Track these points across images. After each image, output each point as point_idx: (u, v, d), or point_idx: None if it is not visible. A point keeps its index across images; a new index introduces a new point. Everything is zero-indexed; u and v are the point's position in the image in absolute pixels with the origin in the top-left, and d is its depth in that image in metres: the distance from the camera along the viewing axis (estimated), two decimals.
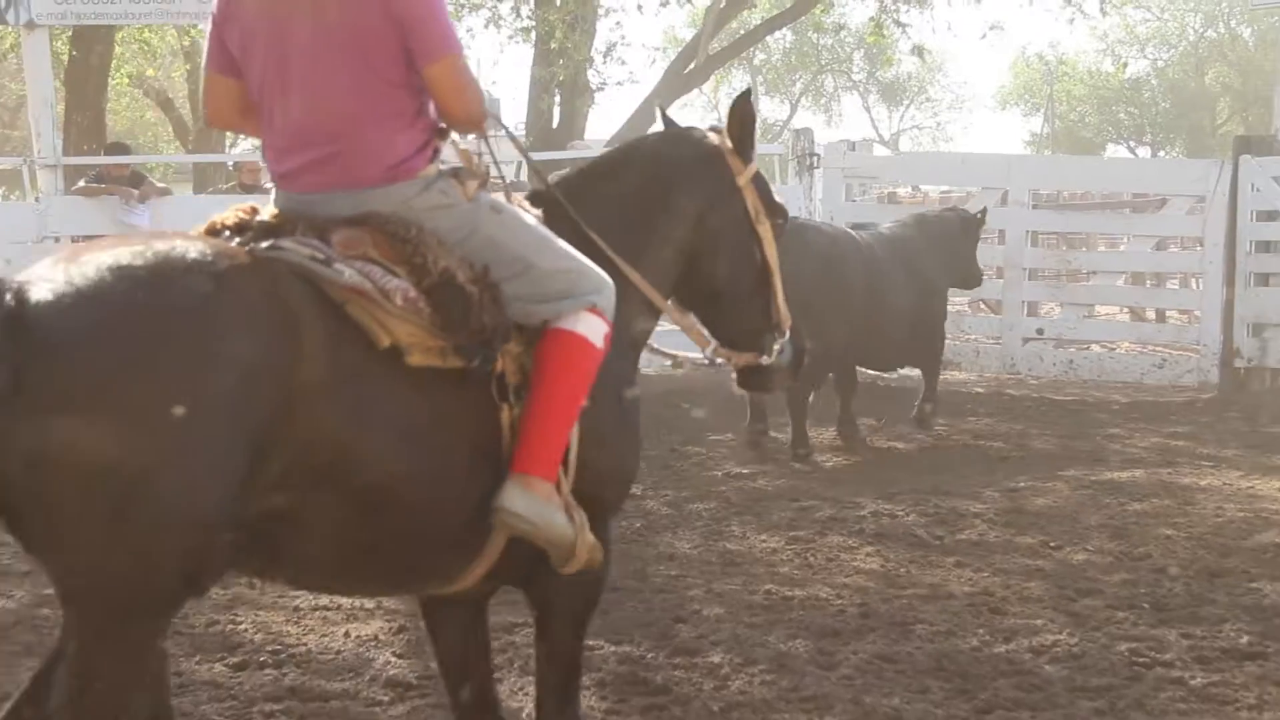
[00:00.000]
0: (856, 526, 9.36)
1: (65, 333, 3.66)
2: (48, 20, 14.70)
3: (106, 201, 14.48)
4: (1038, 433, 13.17)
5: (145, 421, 3.68)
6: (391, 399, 4.19)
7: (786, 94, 67.82)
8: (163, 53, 30.39)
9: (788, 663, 6.55)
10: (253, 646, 6.79)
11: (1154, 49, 66.52)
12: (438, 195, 4.55)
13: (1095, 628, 7.11)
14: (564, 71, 19.94)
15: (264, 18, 4.45)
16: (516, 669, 6.46)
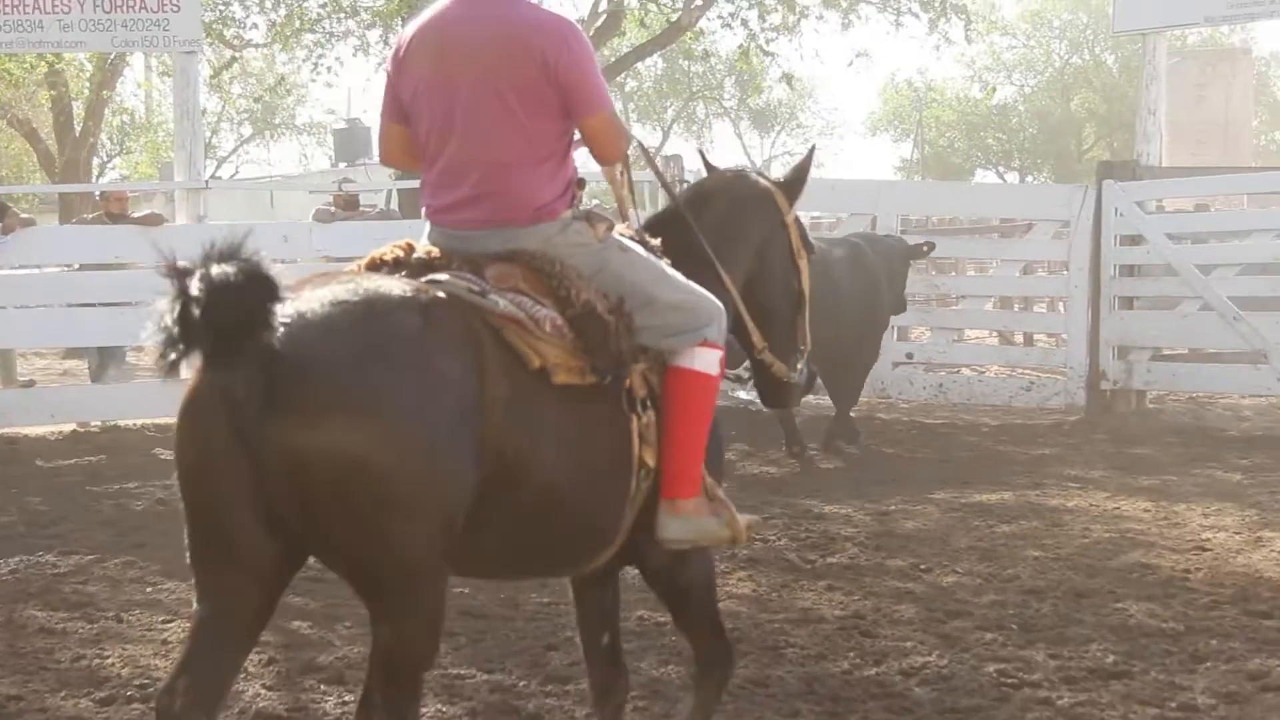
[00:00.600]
0: (728, 551, 9.33)
1: (312, 357, 4.27)
2: None
3: None
4: (908, 456, 13.28)
5: (392, 426, 4.32)
6: (547, 412, 4.82)
7: (658, 121, 67.96)
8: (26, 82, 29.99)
9: (660, 689, 6.57)
10: (120, 681, 6.72)
11: (1020, 75, 67.20)
12: (575, 235, 5.21)
13: (964, 649, 7.17)
14: None
15: (434, 74, 5.17)
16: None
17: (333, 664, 6.95)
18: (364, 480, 4.26)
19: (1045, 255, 18.29)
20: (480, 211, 5.18)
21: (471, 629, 7.62)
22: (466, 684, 6.62)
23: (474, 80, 5.10)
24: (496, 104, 5.11)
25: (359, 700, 5.03)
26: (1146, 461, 12.82)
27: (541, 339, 4.85)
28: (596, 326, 4.99)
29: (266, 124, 54.12)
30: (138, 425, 14.70)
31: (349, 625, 7.69)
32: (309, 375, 4.26)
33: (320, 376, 4.28)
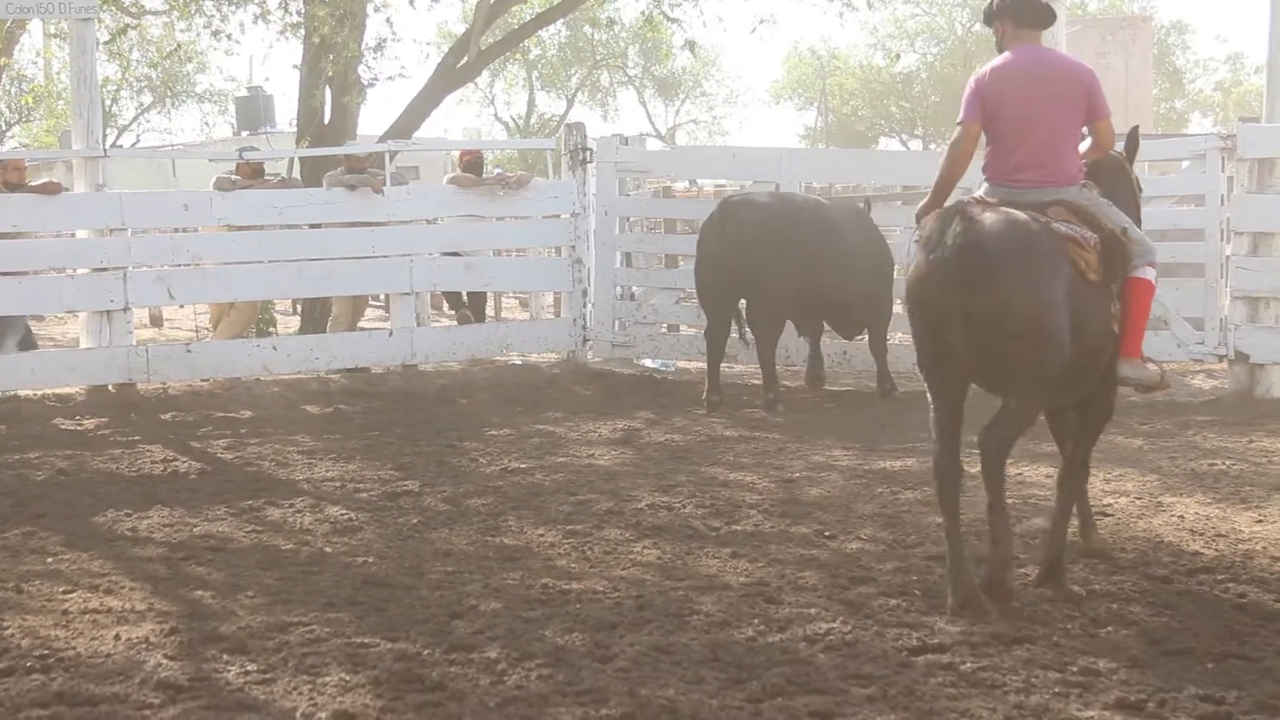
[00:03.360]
0: (634, 519, 9.42)
1: (994, 252, 7.24)
2: None
3: None
4: (812, 423, 13.31)
5: (1042, 297, 7.26)
6: (1087, 297, 7.50)
7: (563, 89, 67.87)
8: None
9: (564, 656, 6.56)
10: (19, 652, 6.64)
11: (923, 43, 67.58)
12: (1086, 192, 8.06)
13: (868, 616, 7.21)
14: (334, 67, 19.73)
15: (1015, 91, 8.01)
16: (291, 667, 6.38)
17: (235, 633, 6.90)
18: (1029, 328, 7.23)
19: None
20: (1039, 176, 7.93)
21: (375, 597, 7.61)
22: (371, 652, 6.60)
23: (1045, 99, 7.96)
24: (1057, 113, 7.98)
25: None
26: (1047, 428, 12.88)
27: (1087, 251, 7.54)
28: (1117, 245, 7.76)
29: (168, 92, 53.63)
30: (37, 395, 14.56)
31: (251, 595, 7.66)
32: (994, 264, 7.21)
33: (1001, 265, 7.22)
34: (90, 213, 14.98)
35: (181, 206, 15.55)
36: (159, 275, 15.08)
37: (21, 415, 13.92)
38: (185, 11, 22.91)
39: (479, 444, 12.37)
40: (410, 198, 16.25)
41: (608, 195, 16.92)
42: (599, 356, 17.06)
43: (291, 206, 15.58)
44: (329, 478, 11.06)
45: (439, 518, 9.60)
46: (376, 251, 15.81)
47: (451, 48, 23.20)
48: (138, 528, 9.39)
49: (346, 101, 20.16)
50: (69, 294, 15.11)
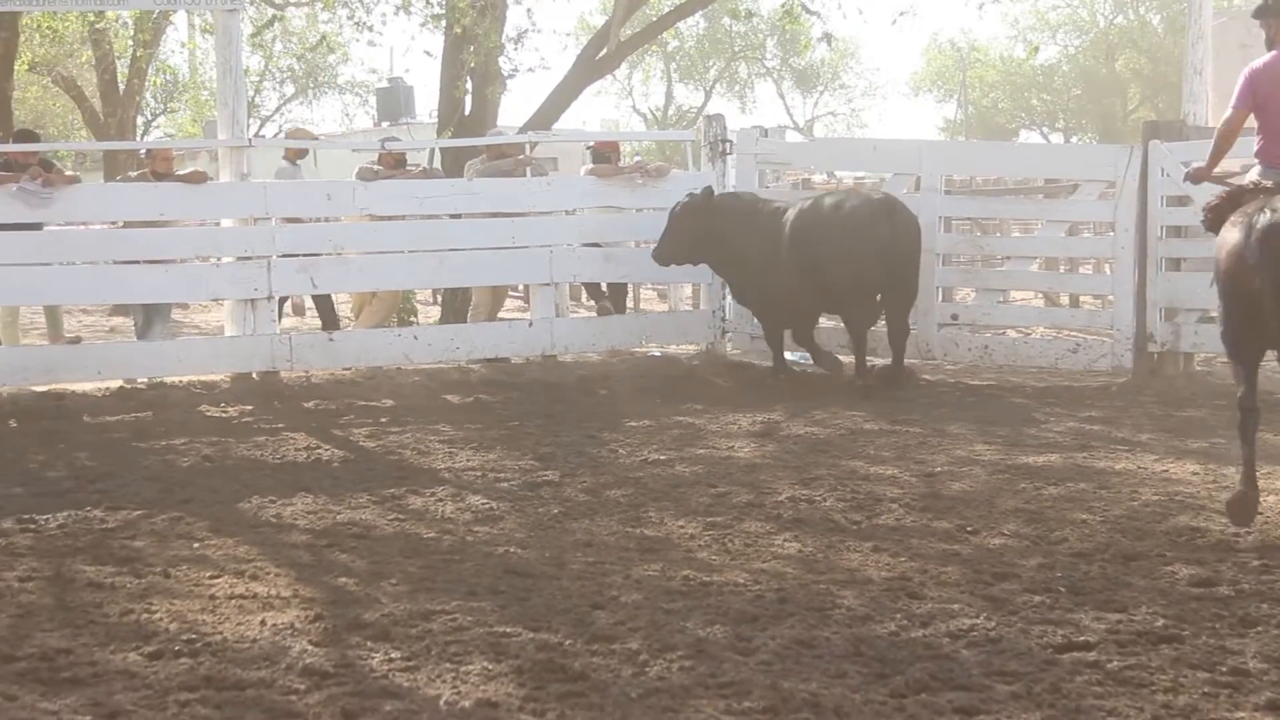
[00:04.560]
0: (774, 512, 9.38)
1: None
2: None
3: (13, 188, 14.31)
4: (954, 417, 13.20)
5: None
6: None
7: (700, 81, 67.88)
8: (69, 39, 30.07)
9: (706, 648, 6.54)
10: (167, 635, 6.72)
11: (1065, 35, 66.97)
12: None
13: (1012, 612, 7.13)
14: (475, 58, 19.83)
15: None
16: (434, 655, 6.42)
17: (378, 621, 6.94)
18: None
19: (1091, 216, 18.09)
20: None
21: (517, 587, 7.62)
22: (513, 642, 6.61)
23: None
24: None
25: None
26: (1195, 424, 12.72)
27: None
28: None
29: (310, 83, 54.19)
30: (183, 382, 14.75)
31: (394, 582, 7.70)
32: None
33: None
34: (235, 202, 15.15)
35: (325, 196, 15.68)
36: (302, 264, 15.23)
37: (168, 402, 14.10)
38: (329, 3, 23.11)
39: (619, 435, 12.38)
40: (550, 188, 16.29)
41: (747, 186, 16.87)
42: (738, 349, 17.04)
43: (433, 196, 15.66)
44: (470, 467, 11.11)
45: (579, 508, 9.61)
46: (517, 242, 15.87)
47: (591, 39, 23.27)
48: (282, 514, 9.48)
49: (488, 93, 20.26)
50: (214, 282, 15.30)
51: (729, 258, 15.52)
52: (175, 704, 5.85)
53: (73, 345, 15.94)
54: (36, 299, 15.87)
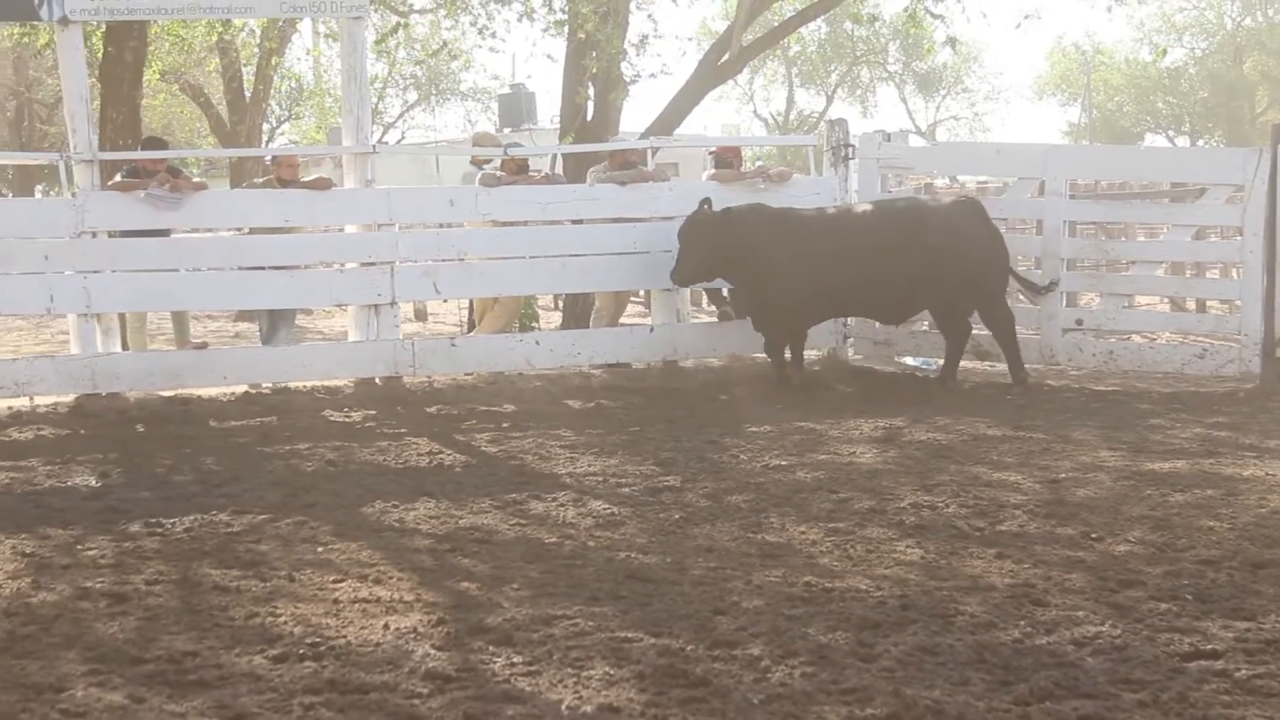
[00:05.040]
0: (896, 518, 9.33)
1: None
2: (81, 16, 14.69)
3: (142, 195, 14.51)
4: (1078, 423, 13.07)
5: None
6: None
7: (822, 85, 67.71)
8: (197, 48, 30.43)
9: (828, 654, 6.52)
10: (292, 639, 6.78)
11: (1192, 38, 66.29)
12: None
13: (1138, 619, 7.06)
14: (597, 64, 19.89)
15: None
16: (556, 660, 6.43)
17: (501, 625, 6.97)
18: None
19: (1219, 220, 17.85)
20: None
21: (638, 592, 7.62)
22: (634, 647, 6.62)
23: None
24: None
25: None
26: None
27: None
28: None
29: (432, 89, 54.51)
30: (307, 387, 14.89)
31: (516, 587, 7.72)
32: None
33: None
34: (359, 208, 15.28)
35: (448, 202, 15.78)
36: (425, 270, 15.34)
37: (292, 407, 14.24)
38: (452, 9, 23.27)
39: (740, 440, 12.35)
40: (672, 193, 16.28)
41: (870, 192, 16.81)
42: (860, 354, 16.98)
43: (555, 202, 15.71)
44: (591, 472, 11.12)
45: (701, 513, 9.60)
46: (638, 247, 15.89)
47: (713, 44, 23.29)
48: (405, 519, 9.53)
49: (610, 98, 20.31)
50: (338, 288, 15.44)
51: (757, 268, 15.21)
52: (300, 707, 5.90)
53: (199, 350, 16.13)
54: (164, 304, 16.05)
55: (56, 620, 7.15)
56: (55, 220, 14.56)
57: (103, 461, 11.89)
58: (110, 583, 7.88)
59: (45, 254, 14.31)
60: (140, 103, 19.70)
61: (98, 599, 7.57)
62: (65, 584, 7.85)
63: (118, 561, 8.41)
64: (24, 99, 41.95)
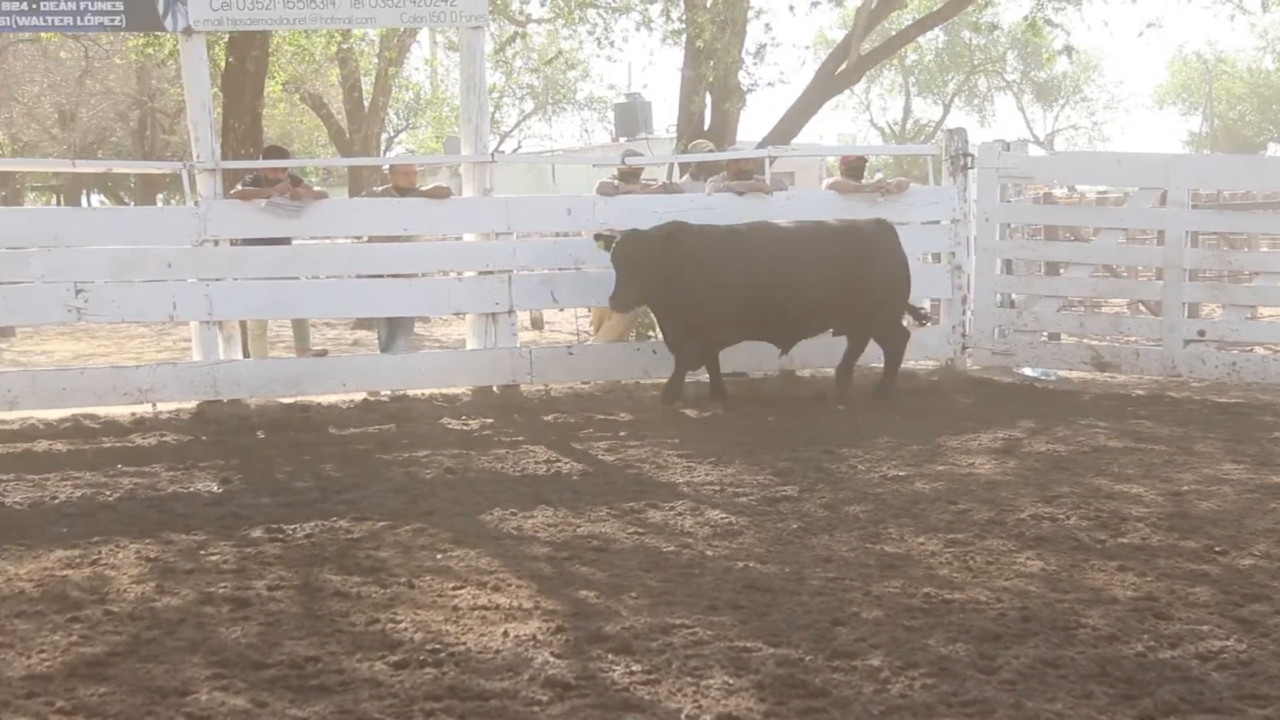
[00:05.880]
0: (1016, 529, 9.26)
1: None
2: (204, 27, 14.84)
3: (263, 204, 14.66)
4: (1201, 435, 12.95)
5: None
6: None
7: (939, 94, 67.42)
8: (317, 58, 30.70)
9: (948, 666, 6.48)
10: (412, 645, 6.81)
11: None
12: None
13: (1264, 634, 6.97)
14: (714, 73, 19.92)
15: None
16: (675, 669, 6.43)
17: (619, 633, 6.96)
18: None
19: None
20: None
21: (757, 602, 7.60)
22: (753, 656, 6.60)
23: None
24: None
25: None
26: None
27: None
28: None
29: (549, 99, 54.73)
30: (425, 395, 14.99)
31: (634, 595, 7.72)
32: None
33: None
34: (477, 217, 15.35)
35: (565, 211, 15.81)
36: (543, 279, 15.40)
37: (411, 414, 14.32)
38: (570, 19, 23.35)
39: (857, 450, 12.30)
40: (790, 202, 16.25)
41: (989, 201, 16.73)
42: (978, 364, 16.89)
43: (673, 211, 15.71)
44: (708, 481, 11.11)
45: (819, 523, 9.56)
46: None
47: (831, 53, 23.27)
48: (523, 526, 9.55)
49: (727, 108, 20.32)
50: (456, 296, 15.51)
51: (687, 287, 14.53)
52: (420, 713, 5.93)
53: (319, 358, 16.28)
54: (285, 312, 16.20)
55: (180, 624, 7.22)
56: (178, 228, 14.72)
57: (224, 467, 12.01)
58: (233, 588, 7.96)
59: (168, 262, 14.48)
60: (261, 112, 19.91)
61: (220, 604, 7.64)
62: (189, 589, 7.93)
63: (240, 567, 8.49)
64: (147, 108, 42.44)
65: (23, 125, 41.88)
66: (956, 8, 23.10)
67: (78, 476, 11.63)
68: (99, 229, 15.20)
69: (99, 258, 14.37)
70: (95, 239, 14.67)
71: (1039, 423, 13.55)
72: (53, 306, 14.26)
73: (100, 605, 7.60)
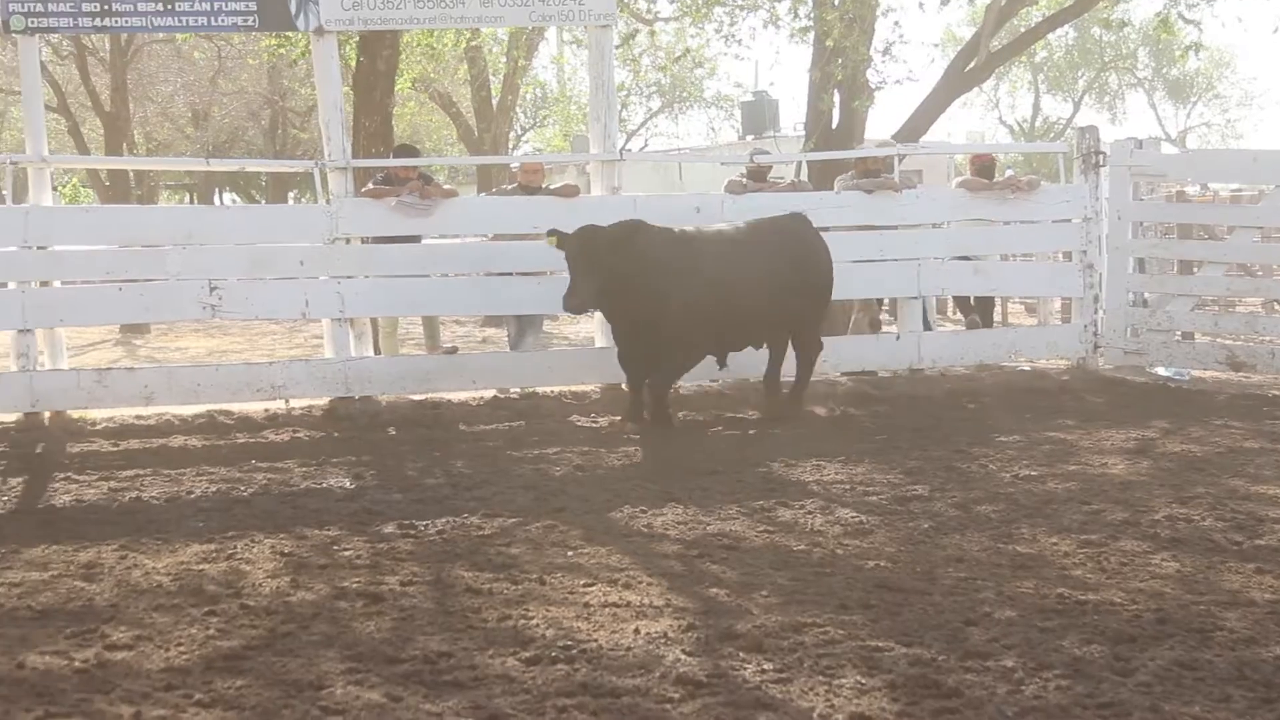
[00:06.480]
0: (1150, 530, 9.17)
1: None
2: (336, 26, 14.99)
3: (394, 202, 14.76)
4: None
5: None
6: None
7: (1069, 92, 66.81)
8: (446, 57, 30.87)
9: (1083, 668, 6.42)
10: (544, 642, 6.83)
11: None
12: None
13: None
14: (842, 71, 19.84)
15: None
16: (806, 668, 6.41)
17: (750, 632, 6.95)
18: None
19: None
20: None
21: (888, 601, 7.57)
22: (885, 656, 6.57)
23: None
24: None
25: None
26: None
27: None
28: None
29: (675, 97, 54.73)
30: (554, 392, 15.03)
31: (765, 594, 7.71)
32: None
33: None
34: (607, 214, 15.33)
35: (694, 209, 15.80)
36: None
37: (540, 411, 14.39)
38: (697, 16, 23.34)
39: (988, 450, 12.23)
40: (920, 201, 16.18)
41: (1121, 199, 16.58)
42: (1110, 364, 16.74)
43: (802, 209, 15.68)
44: (838, 480, 11.08)
45: (950, 523, 9.51)
46: (885, 255, 15.83)
47: (960, 50, 23.07)
48: (653, 524, 9.56)
49: (855, 105, 20.24)
50: None
51: (649, 292, 13.45)
52: (553, 709, 5.94)
53: (449, 355, 16.37)
54: (415, 309, 16.29)
55: (315, 619, 7.29)
56: (310, 226, 14.87)
57: (356, 464, 12.12)
58: (366, 583, 8.02)
59: (301, 259, 14.62)
60: (392, 111, 20.03)
61: (354, 599, 7.70)
62: (323, 583, 8.00)
63: (373, 562, 8.56)
64: (278, 107, 42.84)
65: (157, 124, 42.37)
66: (1087, 4, 22.83)
67: (213, 472, 11.79)
68: (233, 227, 15.34)
69: (233, 255, 14.55)
70: (229, 237, 14.83)
71: (1173, 423, 13.43)
72: (188, 303, 14.44)
73: (236, 599, 7.69)
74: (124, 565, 8.52)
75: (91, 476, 11.65)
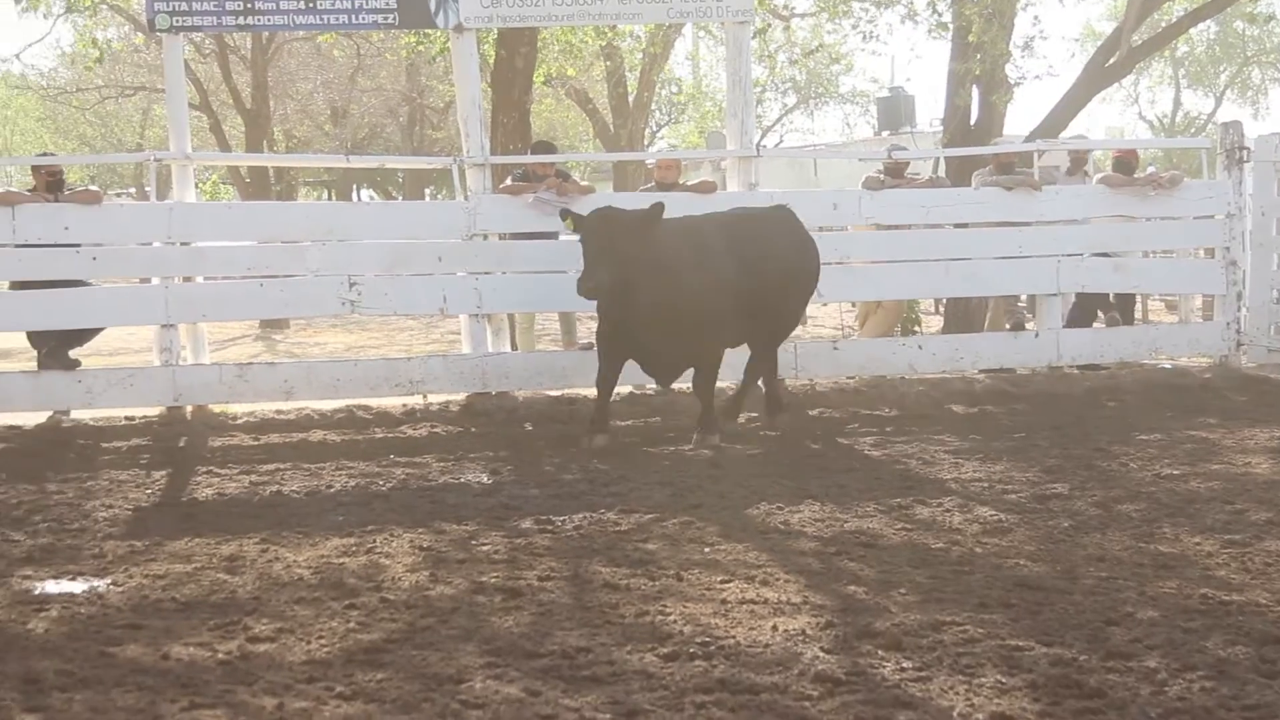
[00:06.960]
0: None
1: None
2: (475, 23, 15.07)
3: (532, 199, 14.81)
4: None
5: None
6: None
7: (1210, 87, 65.97)
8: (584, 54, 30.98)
9: (1228, 669, 6.34)
10: (682, 638, 6.83)
11: None
12: None
13: None
14: (981, 66, 19.73)
15: None
16: (946, 666, 6.37)
17: (889, 630, 6.92)
18: None
19: None
20: None
21: (1028, 600, 7.51)
22: (1026, 656, 6.52)
23: None
24: None
25: None
26: None
27: None
28: None
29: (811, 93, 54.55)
30: (689, 389, 15.00)
31: (903, 592, 7.67)
32: None
33: None
34: None
35: (831, 205, 15.74)
36: None
37: (675, 408, 14.37)
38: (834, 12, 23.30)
39: (1129, 448, 12.11)
40: (1059, 197, 16.03)
41: (1266, 195, 16.37)
42: (1253, 361, 16.51)
43: (939, 206, 15.60)
44: (976, 478, 11.01)
45: (1090, 522, 9.42)
46: (1024, 251, 15.70)
47: (1101, 45, 22.90)
48: (790, 521, 9.54)
49: (994, 100, 20.11)
50: None
51: (673, 283, 12.57)
52: (691, 705, 5.94)
53: (586, 351, 16.39)
54: (552, 306, 16.32)
55: (454, 613, 7.33)
56: (449, 223, 14.94)
57: (493, 459, 12.19)
58: (504, 577, 8.06)
59: (439, 255, 14.71)
60: (529, 108, 20.12)
61: (493, 593, 7.74)
62: (461, 578, 8.05)
63: (511, 557, 8.60)
64: (416, 104, 43.15)
65: (296, 122, 42.79)
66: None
67: (352, 466, 11.90)
68: (372, 223, 15.44)
69: (372, 251, 14.66)
70: (368, 233, 14.94)
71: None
72: (328, 299, 14.57)
73: (376, 593, 7.76)
74: (265, 558, 8.62)
75: (233, 470, 11.80)
